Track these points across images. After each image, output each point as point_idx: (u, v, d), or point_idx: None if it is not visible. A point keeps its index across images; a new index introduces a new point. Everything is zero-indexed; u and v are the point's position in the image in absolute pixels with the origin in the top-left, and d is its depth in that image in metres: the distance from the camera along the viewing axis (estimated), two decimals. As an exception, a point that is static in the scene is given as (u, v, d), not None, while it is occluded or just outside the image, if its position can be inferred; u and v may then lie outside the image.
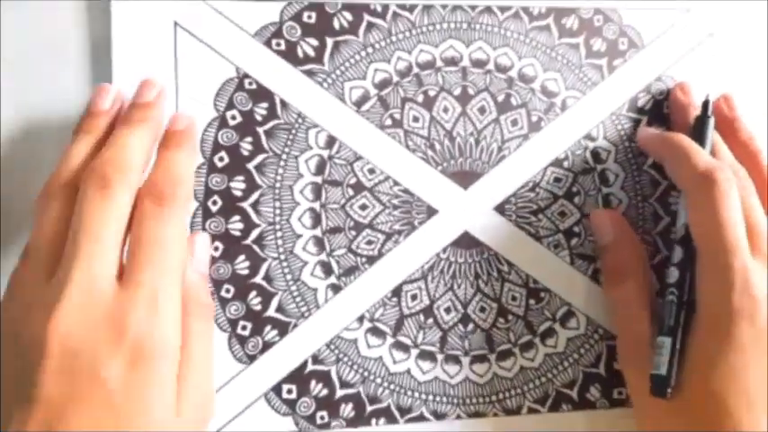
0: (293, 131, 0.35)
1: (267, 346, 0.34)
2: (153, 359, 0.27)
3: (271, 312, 0.35)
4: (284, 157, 0.35)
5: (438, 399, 0.36)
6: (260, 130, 0.35)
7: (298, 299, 0.35)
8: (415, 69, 0.36)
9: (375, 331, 0.35)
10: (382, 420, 0.35)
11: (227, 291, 0.34)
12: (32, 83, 0.34)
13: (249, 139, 0.35)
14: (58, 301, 0.26)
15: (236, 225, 0.35)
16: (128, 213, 0.29)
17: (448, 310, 0.36)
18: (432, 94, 0.37)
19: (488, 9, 0.37)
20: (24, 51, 0.34)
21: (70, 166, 0.30)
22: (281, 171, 0.35)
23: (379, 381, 0.35)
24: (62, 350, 0.26)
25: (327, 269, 0.35)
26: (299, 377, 0.35)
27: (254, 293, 0.35)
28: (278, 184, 0.35)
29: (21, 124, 0.34)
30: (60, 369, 0.26)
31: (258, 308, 0.35)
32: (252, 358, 0.34)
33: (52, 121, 0.33)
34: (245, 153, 0.35)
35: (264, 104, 0.35)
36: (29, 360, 0.26)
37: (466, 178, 0.37)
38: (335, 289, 0.35)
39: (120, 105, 0.33)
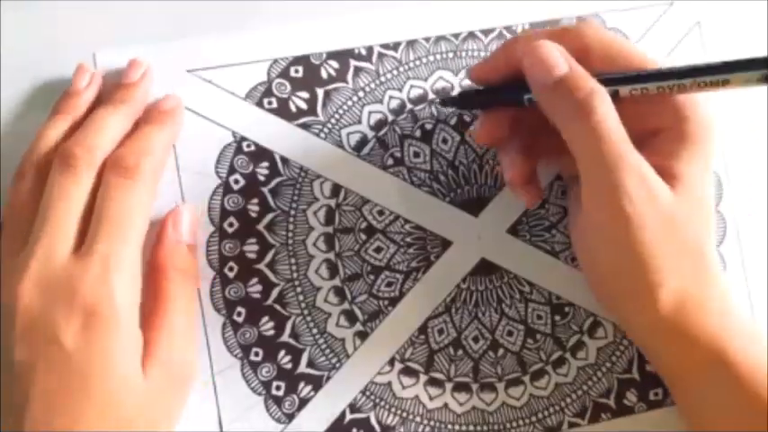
0: (298, 186, 0.35)
1: (303, 402, 0.35)
2: (105, 322, 0.29)
3: (302, 368, 0.35)
4: (293, 212, 0.35)
5: (479, 428, 0.36)
6: (264, 189, 0.35)
7: (327, 351, 0.35)
8: (409, 105, 0.36)
9: (407, 371, 0.36)
10: (428, 459, 0.35)
11: (257, 354, 0.35)
12: (32, 83, 0.34)
13: (255, 200, 0.35)
14: (22, 273, 0.29)
15: (255, 288, 0.35)
16: (93, 188, 0.31)
17: (476, 339, 0.36)
18: (428, 127, 0.37)
19: (472, 34, 0.37)
20: (24, 51, 0.34)
21: (43, 146, 0.32)
22: (291, 227, 0.35)
23: (418, 419, 0.35)
24: (25, 316, 0.29)
25: (351, 317, 0.35)
26: (339, 428, 0.35)
27: (283, 352, 0.35)
28: (290, 241, 0.35)
29: (21, 124, 0.34)
30: (25, 334, 0.29)
31: (289, 366, 0.35)
32: (290, 417, 0.35)
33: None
34: (254, 215, 0.35)
35: (265, 164, 0.35)
36: (6, 324, 0.29)
37: (475, 205, 0.37)
38: (362, 336, 0.35)
39: (97, 88, 0.34)
